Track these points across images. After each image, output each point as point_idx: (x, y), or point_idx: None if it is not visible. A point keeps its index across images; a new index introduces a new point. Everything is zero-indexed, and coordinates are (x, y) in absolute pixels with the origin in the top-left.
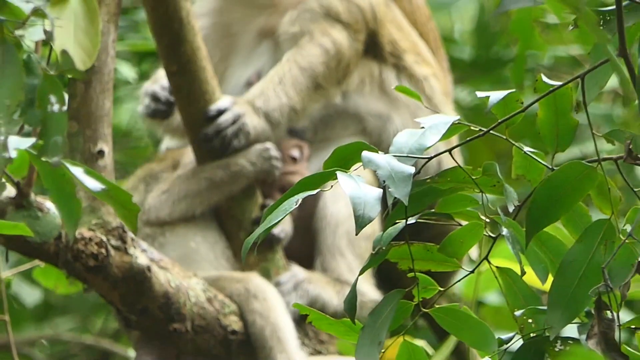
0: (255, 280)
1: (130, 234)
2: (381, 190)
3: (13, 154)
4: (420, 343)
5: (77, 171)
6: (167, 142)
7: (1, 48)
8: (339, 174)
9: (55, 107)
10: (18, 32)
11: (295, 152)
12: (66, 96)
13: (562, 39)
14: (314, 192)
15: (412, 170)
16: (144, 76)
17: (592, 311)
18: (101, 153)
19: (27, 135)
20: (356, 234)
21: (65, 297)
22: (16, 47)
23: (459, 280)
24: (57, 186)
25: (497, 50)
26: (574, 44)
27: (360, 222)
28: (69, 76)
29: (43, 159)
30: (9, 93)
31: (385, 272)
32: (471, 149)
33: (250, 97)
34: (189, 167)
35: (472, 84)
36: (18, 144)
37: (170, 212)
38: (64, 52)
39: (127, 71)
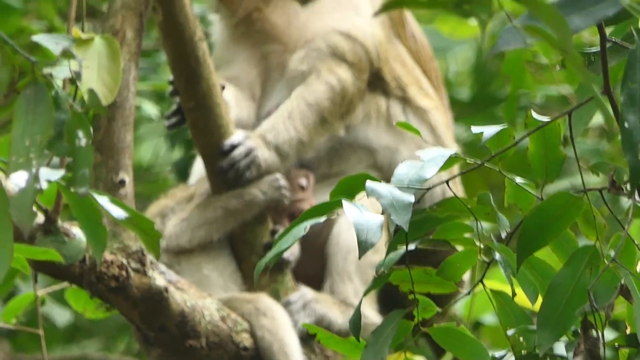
0: (264, 300)
1: (149, 257)
2: (383, 217)
3: (44, 185)
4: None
5: (103, 200)
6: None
7: (33, 87)
8: (344, 202)
9: (83, 141)
10: (47, 71)
11: (303, 181)
12: (92, 131)
13: (553, 78)
14: (321, 219)
15: (412, 199)
16: (164, 114)
17: (579, 330)
18: (122, 182)
19: (55, 166)
20: (359, 258)
21: (91, 319)
22: (46, 85)
23: (455, 301)
24: (85, 215)
25: (493, 89)
26: (564, 84)
27: (363, 246)
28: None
29: (71, 189)
30: (40, 129)
31: (388, 297)
32: (467, 180)
33: (262, 131)
34: (205, 197)
35: (468, 122)
36: (48, 175)
37: (190, 238)
38: (90, 90)
39: (150, 109)
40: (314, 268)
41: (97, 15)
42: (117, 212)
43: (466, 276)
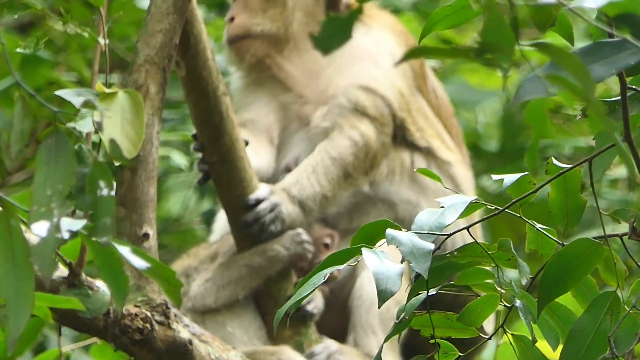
0: (287, 352)
1: (173, 310)
2: (403, 266)
3: (66, 235)
4: None
5: (125, 250)
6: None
7: (55, 137)
8: (364, 250)
9: (104, 192)
10: (70, 125)
11: (327, 240)
12: (114, 182)
13: (581, 130)
14: (342, 266)
15: (432, 247)
16: (193, 164)
17: None
18: (146, 236)
19: (79, 217)
20: (379, 307)
21: None
22: (68, 137)
23: (477, 346)
24: (107, 264)
25: (521, 141)
26: (592, 135)
27: (383, 295)
28: (117, 164)
29: (93, 239)
30: (61, 179)
31: (411, 350)
32: (494, 230)
33: (286, 185)
34: (229, 255)
35: (496, 173)
36: (70, 226)
37: (215, 298)
38: (113, 142)
39: (179, 159)
40: (338, 321)
41: (126, 66)
42: (138, 262)
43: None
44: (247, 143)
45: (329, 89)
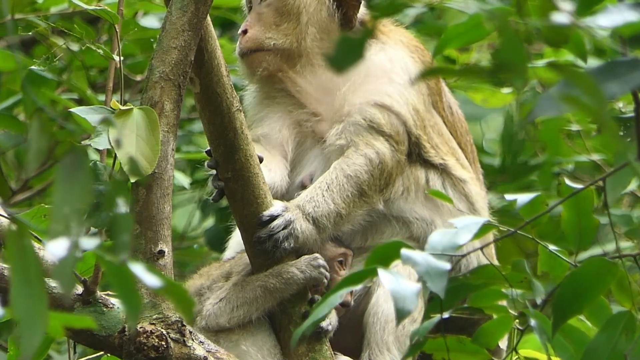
0: None
1: (188, 328)
2: (420, 285)
3: (79, 254)
4: None
5: (138, 269)
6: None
7: (72, 155)
8: (380, 270)
9: (122, 209)
10: (86, 142)
11: (341, 260)
12: (129, 198)
13: (584, 146)
14: (357, 287)
15: (448, 266)
16: (196, 183)
17: None
18: (161, 253)
19: (93, 236)
20: (397, 325)
21: None
22: (84, 155)
23: None
24: (120, 282)
25: (524, 158)
26: (595, 152)
27: (401, 314)
28: (132, 182)
29: (107, 257)
30: (79, 197)
31: None
32: (501, 248)
33: (301, 202)
34: (243, 275)
35: (500, 190)
36: (85, 244)
37: (229, 318)
38: (131, 159)
39: (182, 179)
40: (352, 338)
41: (131, 84)
42: (152, 281)
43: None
44: (261, 160)
45: (344, 107)
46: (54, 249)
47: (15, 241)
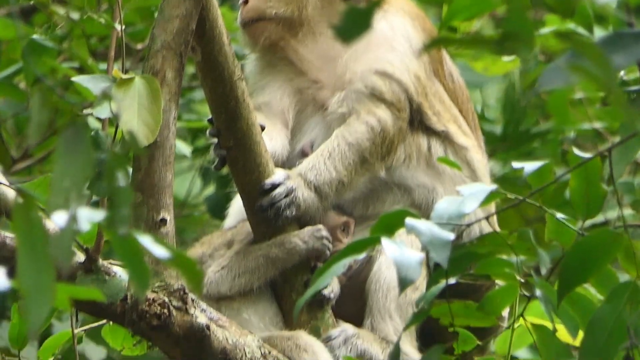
0: (303, 336)
1: (190, 295)
2: (423, 254)
3: (85, 226)
4: None
5: (145, 240)
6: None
7: (72, 128)
8: (383, 239)
9: (121, 182)
10: (87, 111)
11: (343, 229)
12: (130, 170)
13: (586, 114)
14: (361, 256)
15: (452, 236)
16: (198, 150)
17: None
18: (163, 221)
19: (95, 204)
20: (399, 294)
21: (123, 355)
22: (85, 127)
23: (496, 335)
24: (128, 254)
25: (525, 125)
26: (596, 120)
27: (403, 283)
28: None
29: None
30: (79, 169)
31: (428, 336)
32: (502, 215)
33: (303, 170)
34: (245, 243)
35: (501, 157)
36: (90, 216)
37: (230, 286)
38: (129, 132)
39: (184, 147)
40: (354, 306)
41: (131, 53)
42: (160, 252)
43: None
44: (263, 128)
45: (345, 74)
46: (58, 221)
47: (22, 214)
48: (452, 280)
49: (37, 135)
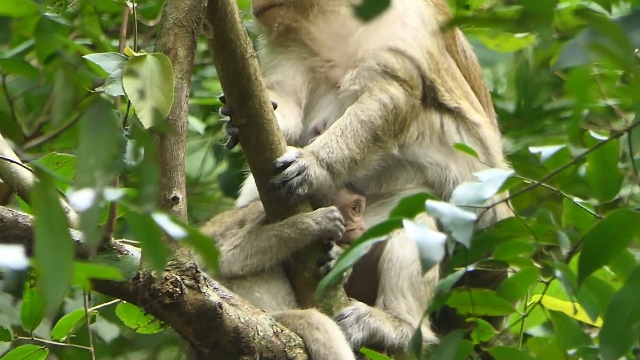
0: (315, 314)
1: (203, 274)
2: (445, 235)
3: (103, 204)
4: None
5: (162, 220)
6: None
7: (97, 106)
8: (405, 221)
9: (143, 159)
10: (99, 89)
11: (355, 207)
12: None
13: (599, 91)
14: (382, 238)
15: (474, 217)
16: (210, 128)
17: None
18: (175, 199)
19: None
20: (422, 276)
21: (135, 332)
22: (109, 105)
23: (515, 323)
24: (146, 234)
25: (538, 102)
26: (610, 97)
27: (426, 264)
28: (147, 129)
29: (133, 208)
30: (104, 148)
31: (440, 313)
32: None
33: (315, 148)
34: (257, 222)
35: (513, 134)
36: (109, 195)
37: (242, 266)
38: (154, 109)
39: (197, 124)
40: (367, 285)
41: (143, 30)
42: (176, 231)
43: None
44: (275, 106)
45: (357, 52)
46: (79, 200)
47: (40, 193)
48: (471, 267)
49: (60, 115)
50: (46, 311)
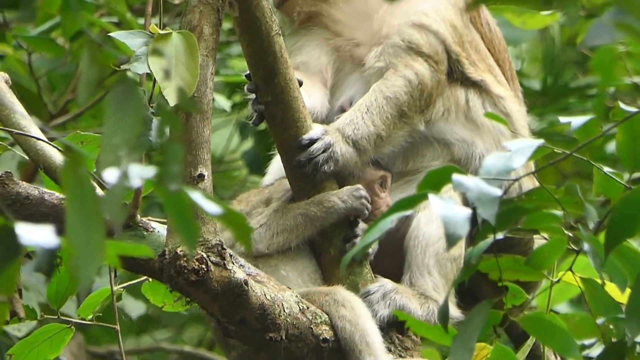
0: (341, 291)
1: (229, 251)
2: (470, 210)
3: (138, 182)
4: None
5: (197, 196)
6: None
7: (122, 85)
8: (430, 196)
9: (169, 138)
10: (124, 66)
11: (381, 183)
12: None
13: (625, 68)
14: (408, 212)
15: (499, 192)
16: (236, 106)
17: None
18: (201, 177)
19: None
20: (447, 251)
21: (161, 310)
22: (134, 84)
23: (544, 290)
24: (177, 211)
25: (564, 80)
26: (635, 74)
27: (451, 239)
28: (172, 106)
29: (162, 185)
30: (129, 127)
31: (466, 292)
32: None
33: (340, 125)
34: (283, 201)
35: (537, 112)
36: (141, 173)
37: (268, 244)
38: (180, 88)
39: (223, 101)
40: (393, 262)
41: (169, 8)
42: (212, 208)
43: None
44: (301, 84)
45: (382, 29)
46: (106, 178)
47: (71, 171)
48: (500, 236)
49: (86, 94)
50: (78, 289)
